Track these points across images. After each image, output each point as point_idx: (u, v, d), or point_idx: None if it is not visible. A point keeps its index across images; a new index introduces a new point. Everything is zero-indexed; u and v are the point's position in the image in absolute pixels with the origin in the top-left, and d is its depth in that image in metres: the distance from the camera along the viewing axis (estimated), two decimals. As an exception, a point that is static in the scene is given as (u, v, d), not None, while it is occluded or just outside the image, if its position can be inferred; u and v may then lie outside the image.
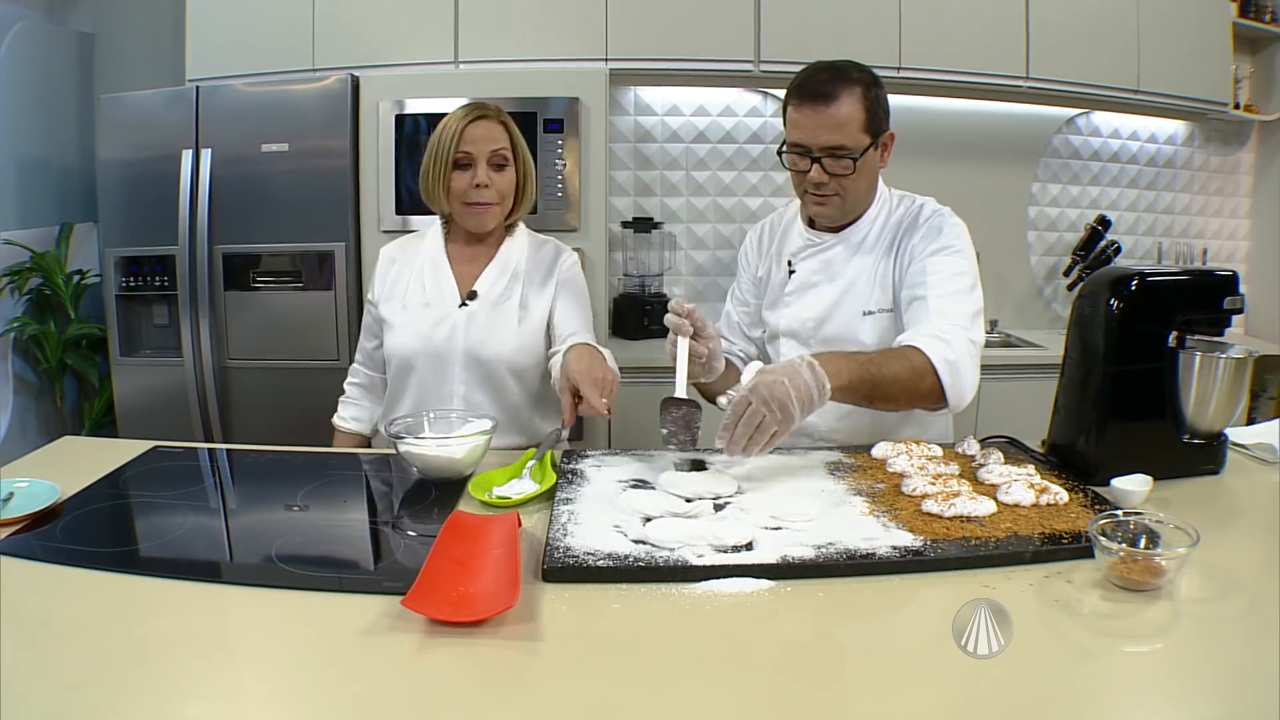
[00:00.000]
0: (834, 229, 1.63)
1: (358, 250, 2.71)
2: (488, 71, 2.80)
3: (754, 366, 1.30)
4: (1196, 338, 1.34)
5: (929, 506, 1.16)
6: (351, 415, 1.84)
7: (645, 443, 1.56)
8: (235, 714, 0.79)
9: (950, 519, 1.13)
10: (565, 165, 2.67)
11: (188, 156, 2.64)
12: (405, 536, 1.18)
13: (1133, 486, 1.22)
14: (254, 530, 1.23)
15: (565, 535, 1.10)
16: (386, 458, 1.51)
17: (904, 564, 1.03)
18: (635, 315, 3.04)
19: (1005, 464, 1.31)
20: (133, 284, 2.73)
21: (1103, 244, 3.32)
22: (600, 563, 1.03)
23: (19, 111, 2.98)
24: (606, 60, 2.84)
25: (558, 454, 1.44)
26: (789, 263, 1.68)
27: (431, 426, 1.46)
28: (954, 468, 1.30)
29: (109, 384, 2.85)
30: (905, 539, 1.08)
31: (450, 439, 1.37)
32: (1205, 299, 1.35)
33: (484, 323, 1.67)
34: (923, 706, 0.80)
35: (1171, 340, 1.33)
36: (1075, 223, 3.47)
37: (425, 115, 2.67)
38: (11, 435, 2.88)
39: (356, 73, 2.71)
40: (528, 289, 1.71)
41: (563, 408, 1.43)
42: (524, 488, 1.29)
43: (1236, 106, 3.37)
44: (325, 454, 1.58)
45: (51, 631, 0.90)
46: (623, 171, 3.24)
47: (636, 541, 1.08)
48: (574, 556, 1.04)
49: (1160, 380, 1.34)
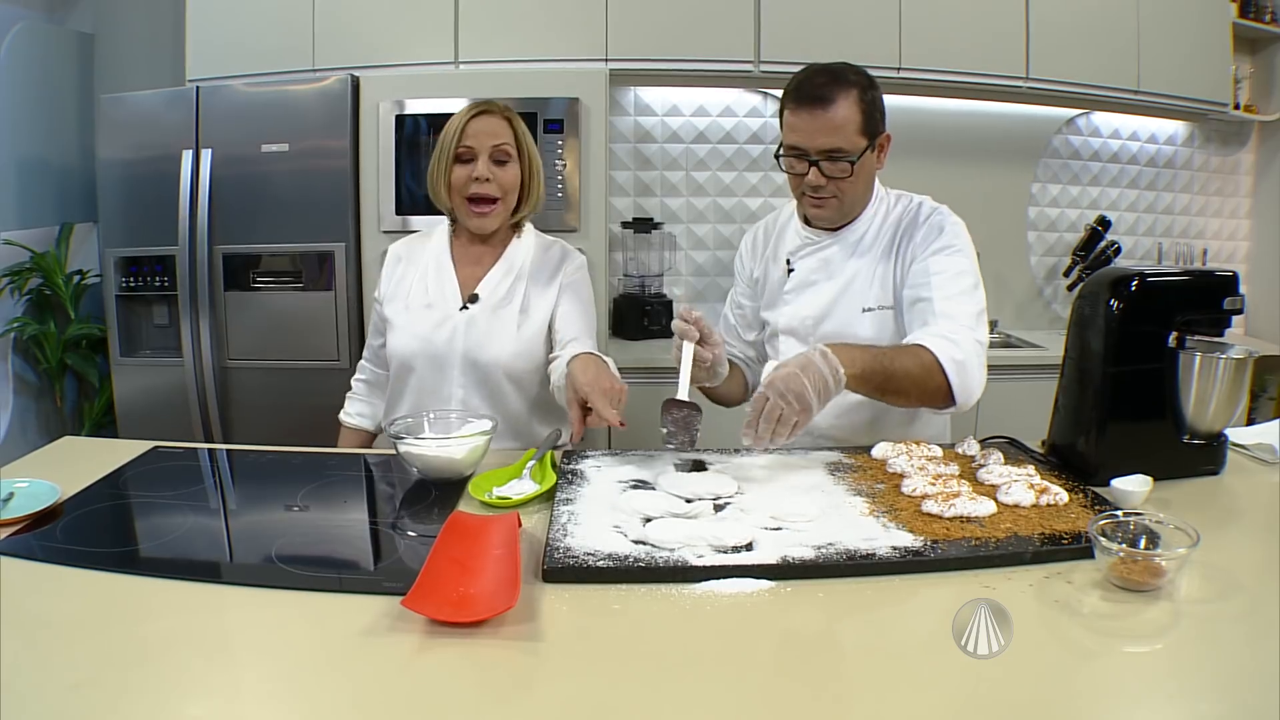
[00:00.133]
0: (831, 228, 1.64)
1: (358, 250, 2.71)
2: (488, 72, 2.80)
3: (771, 365, 1.35)
4: (1196, 338, 1.34)
5: (929, 507, 1.16)
6: (357, 411, 1.85)
7: (645, 444, 1.56)
8: (235, 714, 0.79)
9: (950, 519, 1.13)
10: (565, 165, 2.67)
11: (188, 157, 2.64)
12: (405, 537, 1.18)
13: (1133, 487, 1.22)
14: (254, 530, 1.22)
15: (565, 536, 1.10)
16: (387, 458, 1.51)
17: (904, 564, 1.03)
18: (635, 316, 3.04)
19: (1005, 464, 1.31)
20: (133, 284, 2.73)
21: (1103, 244, 3.31)
22: (600, 563, 1.03)
23: (19, 111, 2.97)
24: (607, 60, 2.84)
25: (558, 454, 1.44)
26: (787, 261, 1.68)
27: (431, 427, 1.46)
28: (954, 468, 1.30)
29: (109, 384, 2.85)
30: (905, 539, 1.08)
31: (450, 439, 1.38)
32: (1205, 299, 1.35)
33: (484, 327, 1.66)
34: (923, 707, 0.80)
35: (1171, 341, 1.33)
36: (1075, 223, 3.47)
37: (425, 115, 2.67)
38: (11, 435, 2.87)
39: (357, 73, 2.70)
40: (531, 291, 1.70)
41: (571, 420, 1.40)
42: (524, 488, 1.29)
43: (1236, 107, 3.37)
44: (325, 454, 1.58)
45: (51, 631, 0.90)
46: (623, 172, 3.24)
47: (636, 542, 1.08)
48: (574, 557, 1.04)
49: (1160, 381, 1.34)
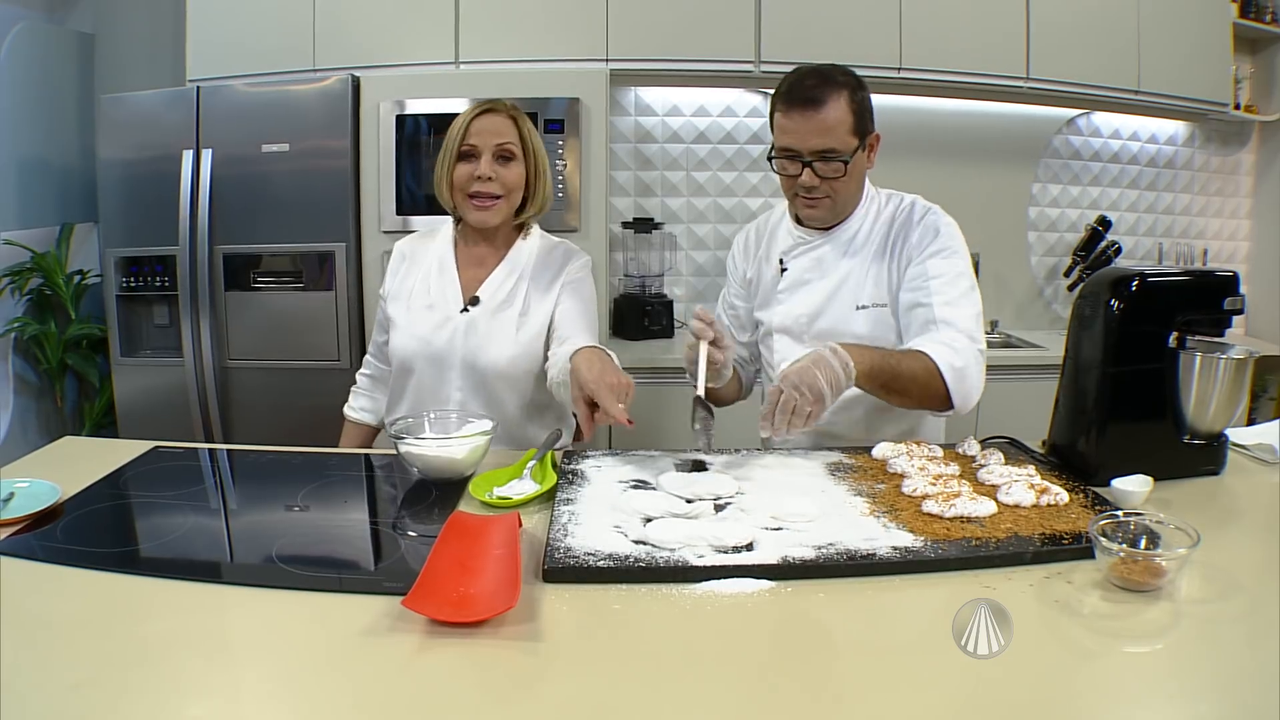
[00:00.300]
0: (823, 228, 1.65)
1: (358, 251, 2.71)
2: (488, 72, 2.80)
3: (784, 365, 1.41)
4: (1197, 338, 1.34)
5: (929, 507, 1.16)
6: (361, 406, 1.86)
7: (646, 443, 1.56)
8: (235, 714, 0.79)
9: (951, 519, 1.13)
10: (566, 166, 2.67)
11: (188, 157, 2.64)
12: (406, 537, 1.18)
13: (1133, 487, 1.22)
14: (254, 530, 1.22)
15: (566, 536, 1.10)
16: (387, 458, 1.51)
17: (904, 564, 1.03)
18: (635, 316, 3.04)
19: (1005, 464, 1.31)
20: (133, 284, 2.73)
21: (1103, 244, 3.31)
22: (601, 563, 1.03)
23: (19, 112, 2.98)
24: (607, 60, 2.84)
25: (558, 455, 1.44)
26: (780, 261, 1.69)
27: (432, 427, 1.46)
28: (954, 468, 1.30)
29: (109, 384, 2.85)
30: (906, 539, 1.08)
31: (451, 439, 1.38)
32: (1206, 300, 1.35)
33: (483, 329, 1.66)
34: (923, 707, 0.80)
35: (1172, 341, 1.33)
36: (1076, 223, 3.47)
37: (426, 115, 2.67)
38: (12, 435, 2.88)
39: (357, 73, 2.71)
40: (532, 292, 1.69)
41: (579, 419, 1.35)
42: (524, 488, 1.29)
43: (1237, 107, 3.37)
44: (326, 454, 1.58)
45: (51, 631, 0.90)
46: (623, 172, 3.24)
47: (637, 542, 1.08)
48: (574, 557, 1.04)
49: (1161, 381, 1.34)
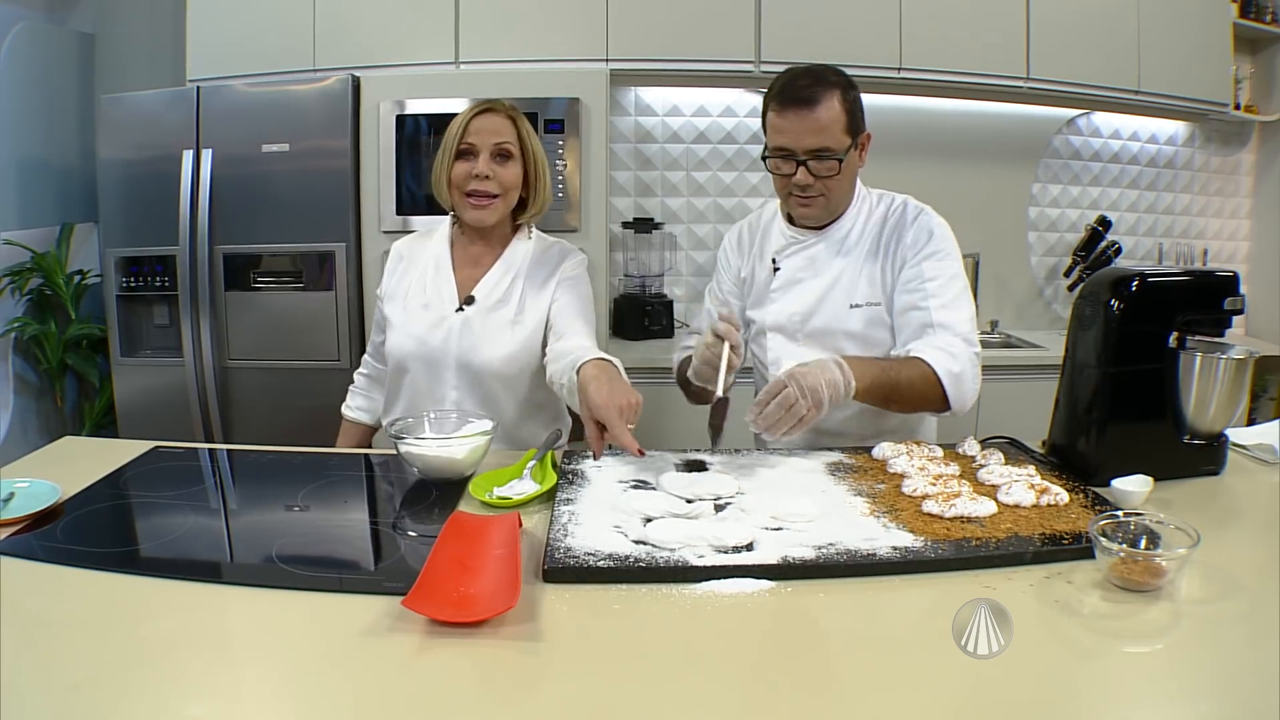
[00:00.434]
0: (816, 227, 1.66)
1: (358, 251, 2.71)
2: (488, 72, 2.80)
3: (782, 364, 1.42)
4: (1197, 338, 1.34)
5: (929, 507, 1.16)
6: (358, 405, 1.86)
7: (646, 443, 1.56)
8: (235, 714, 0.79)
9: (951, 519, 1.13)
10: (566, 166, 2.67)
11: (188, 157, 2.64)
12: (406, 537, 1.18)
13: (1133, 487, 1.22)
14: (254, 530, 1.22)
15: (566, 536, 1.10)
16: (387, 458, 1.51)
17: (904, 564, 1.03)
18: (635, 316, 3.04)
19: (1006, 465, 1.31)
20: (133, 284, 2.73)
21: (1103, 244, 3.31)
22: (601, 563, 1.03)
23: (19, 112, 2.97)
24: (607, 60, 2.84)
25: (558, 454, 1.44)
26: (773, 260, 1.70)
27: (432, 427, 1.46)
28: (954, 468, 1.31)
29: (109, 384, 2.85)
30: (906, 539, 1.08)
31: (451, 439, 1.38)
32: (1206, 300, 1.35)
33: (478, 329, 1.66)
34: (923, 707, 0.80)
35: (1172, 341, 1.33)
36: (1076, 223, 3.47)
37: (426, 116, 2.67)
38: (12, 435, 2.88)
39: (357, 73, 2.70)
40: (527, 291, 1.69)
41: (590, 441, 1.33)
42: (524, 488, 1.29)
43: (1237, 107, 3.37)
44: (325, 454, 1.57)
45: (51, 631, 0.90)
46: (623, 172, 3.24)
47: (637, 542, 1.08)
48: (574, 557, 1.04)
49: (1161, 381, 1.34)
